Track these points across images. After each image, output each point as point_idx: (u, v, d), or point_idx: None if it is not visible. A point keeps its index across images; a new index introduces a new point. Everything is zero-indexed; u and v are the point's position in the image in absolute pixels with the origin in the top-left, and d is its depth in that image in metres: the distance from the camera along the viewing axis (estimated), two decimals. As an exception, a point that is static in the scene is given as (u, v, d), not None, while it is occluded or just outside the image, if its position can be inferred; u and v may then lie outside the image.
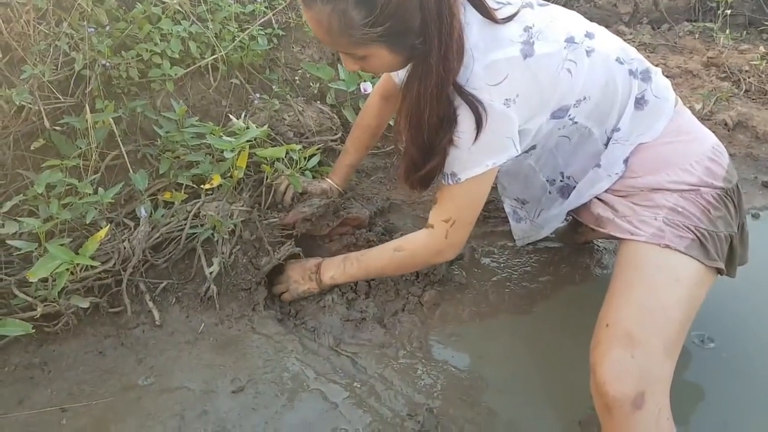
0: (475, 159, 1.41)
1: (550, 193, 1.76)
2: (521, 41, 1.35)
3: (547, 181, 1.74)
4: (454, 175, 1.44)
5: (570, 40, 1.40)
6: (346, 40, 1.24)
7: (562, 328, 1.78)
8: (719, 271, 1.45)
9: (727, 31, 3.63)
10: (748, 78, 3.22)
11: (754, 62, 3.33)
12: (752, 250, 1.60)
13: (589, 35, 1.45)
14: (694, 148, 1.54)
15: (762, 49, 3.53)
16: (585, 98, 1.45)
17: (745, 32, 3.81)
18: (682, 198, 1.47)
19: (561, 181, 1.72)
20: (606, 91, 1.47)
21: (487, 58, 1.32)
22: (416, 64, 1.32)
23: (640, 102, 1.51)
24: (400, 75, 1.62)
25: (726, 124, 2.80)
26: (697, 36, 3.70)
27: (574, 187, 1.67)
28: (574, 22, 1.48)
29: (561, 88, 1.40)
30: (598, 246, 2.09)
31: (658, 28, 3.83)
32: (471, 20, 1.34)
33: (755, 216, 2.33)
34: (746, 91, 3.15)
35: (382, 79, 1.92)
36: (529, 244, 2.06)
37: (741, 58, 3.42)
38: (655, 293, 1.35)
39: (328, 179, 2.04)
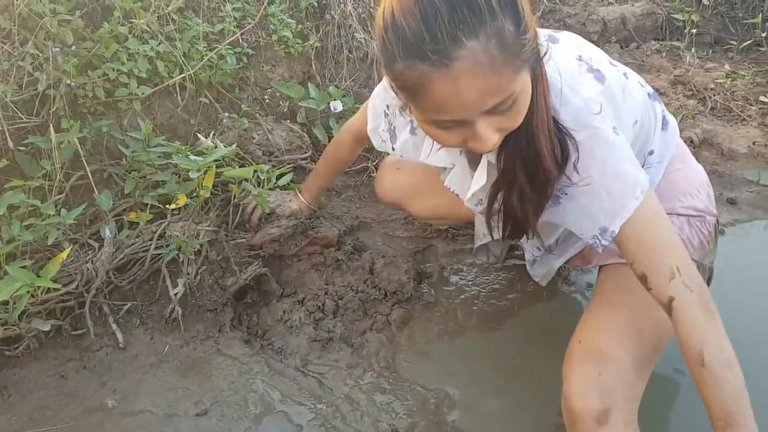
0: (615, 199, 1.17)
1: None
2: (586, 69, 1.23)
3: None
4: (605, 231, 1.19)
5: (611, 63, 1.31)
6: (510, 69, 0.95)
7: (530, 346, 1.78)
8: None
9: (693, 50, 3.69)
10: (714, 96, 3.28)
11: (720, 80, 3.39)
12: (718, 266, 1.62)
13: (612, 60, 1.36)
14: (696, 175, 1.56)
15: (727, 67, 3.59)
16: (635, 122, 1.34)
17: (711, 51, 3.88)
18: (688, 224, 1.48)
19: None
20: (644, 114, 1.39)
21: (576, 89, 1.17)
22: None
23: (663, 123, 1.48)
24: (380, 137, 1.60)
25: (692, 142, 2.84)
26: (664, 54, 3.76)
27: None
28: (594, 47, 1.36)
29: (627, 113, 1.29)
30: (566, 267, 2.11)
31: (626, 47, 3.88)
32: None
33: (721, 232, 2.36)
34: (712, 108, 3.20)
35: (357, 122, 1.76)
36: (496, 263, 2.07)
37: (707, 76, 3.48)
38: (633, 314, 1.35)
39: (300, 196, 2.03)
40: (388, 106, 1.53)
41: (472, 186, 1.36)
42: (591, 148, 1.15)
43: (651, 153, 1.46)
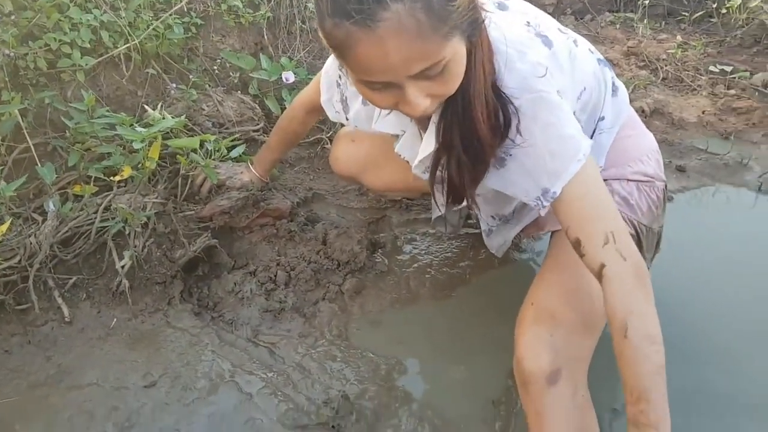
0: (557, 161, 1.18)
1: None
2: (534, 34, 1.22)
3: None
4: (547, 192, 1.20)
5: (561, 31, 1.31)
6: (438, 35, 0.94)
7: (481, 312, 1.80)
8: None
9: (646, 22, 3.74)
10: (665, 66, 3.32)
11: (671, 51, 3.43)
12: (665, 233, 1.64)
13: (561, 27, 1.36)
14: (646, 141, 1.58)
15: (679, 38, 3.64)
16: (584, 89, 1.34)
17: (663, 22, 3.93)
18: (637, 189, 1.50)
19: None
20: (595, 80, 1.38)
21: (523, 53, 1.16)
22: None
23: (614, 89, 1.48)
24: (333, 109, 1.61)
25: (643, 111, 2.88)
26: (618, 26, 3.80)
27: None
28: (543, 13, 1.36)
29: (574, 79, 1.30)
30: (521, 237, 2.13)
31: (581, 19, 3.91)
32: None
33: (669, 199, 2.40)
34: (663, 79, 3.25)
35: (309, 94, 1.77)
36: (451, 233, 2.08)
37: (659, 47, 3.52)
38: (584, 278, 1.34)
39: (252, 169, 2.01)
40: (340, 77, 1.52)
41: (419, 152, 1.35)
42: (534, 110, 1.15)
43: (602, 119, 1.46)
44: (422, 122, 1.36)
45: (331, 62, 1.56)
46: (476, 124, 1.14)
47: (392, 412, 1.50)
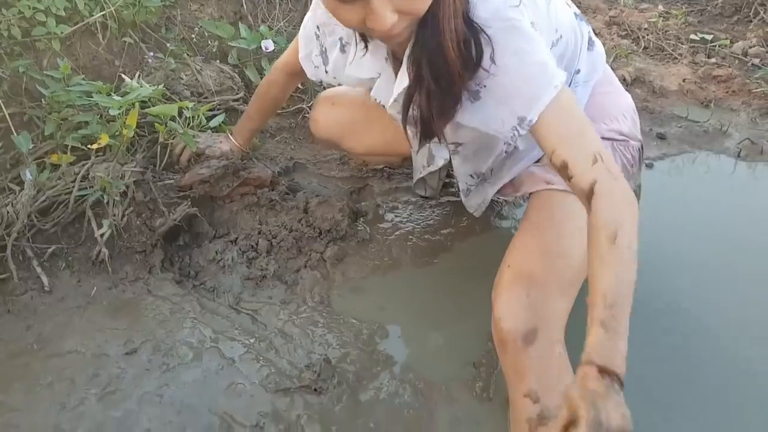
0: (532, 87, 1.18)
1: (506, 153, 1.59)
2: None
3: (505, 143, 1.56)
4: (523, 120, 1.20)
5: None
6: None
7: (462, 278, 1.81)
8: None
9: (629, -9, 3.73)
10: (647, 36, 3.32)
11: (653, 20, 3.43)
12: (646, 199, 1.66)
13: None
14: (623, 100, 1.60)
15: (660, 8, 3.64)
16: (560, 37, 1.38)
17: (645, -8, 3.92)
18: (611, 147, 1.51)
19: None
20: (572, 32, 1.43)
21: None
22: None
23: (590, 43, 1.51)
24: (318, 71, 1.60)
25: (624, 80, 2.89)
26: (600, -5, 3.79)
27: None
28: None
29: (550, 21, 1.33)
30: (498, 198, 2.13)
31: (564, -11, 3.90)
32: None
33: (649, 166, 2.42)
34: (645, 48, 3.25)
35: (288, 57, 1.77)
36: (431, 198, 2.08)
37: (641, 16, 3.52)
38: (561, 239, 1.37)
39: (231, 138, 2.00)
40: (318, 27, 1.52)
41: (394, 90, 1.35)
42: (506, 39, 1.16)
43: (578, 72, 1.49)
44: (395, 63, 1.36)
45: (309, 16, 1.56)
46: (446, 52, 1.14)
47: (373, 375, 1.51)
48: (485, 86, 1.21)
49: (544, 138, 1.20)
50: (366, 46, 1.37)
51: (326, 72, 1.57)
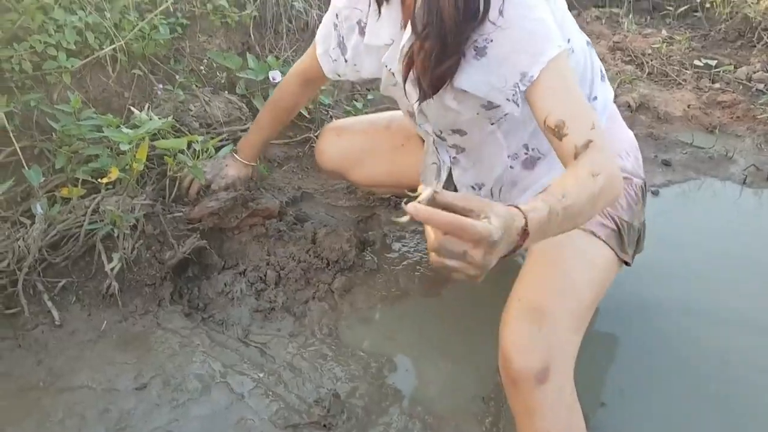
0: (536, 41, 1.21)
1: (512, 167, 1.55)
2: None
3: (509, 156, 1.54)
4: (524, 75, 1.22)
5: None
6: None
7: (470, 309, 1.81)
8: (625, 263, 1.49)
9: (632, 17, 3.76)
10: (651, 61, 3.34)
11: (656, 46, 3.45)
12: (651, 226, 1.66)
13: None
14: (626, 137, 1.60)
15: (664, 33, 3.66)
16: (572, 51, 1.38)
17: (648, 17, 3.96)
18: None
19: (525, 153, 1.54)
20: (583, 54, 1.44)
21: None
22: None
23: (602, 74, 1.53)
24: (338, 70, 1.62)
25: (629, 106, 2.90)
26: (603, 21, 3.82)
27: (539, 158, 1.53)
28: None
29: (564, 28, 1.33)
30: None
31: (568, 14, 3.93)
32: None
33: (655, 193, 2.43)
34: (649, 73, 3.27)
35: (304, 63, 1.78)
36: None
37: (644, 42, 3.55)
38: (570, 274, 1.37)
39: (236, 157, 1.99)
40: (336, 15, 1.55)
41: (400, 47, 1.35)
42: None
43: (595, 99, 1.50)
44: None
45: (327, 14, 1.59)
46: (440, 3, 1.17)
47: (383, 409, 1.51)
48: (491, 41, 1.23)
49: (540, 98, 1.21)
50: (379, 10, 1.39)
51: (345, 61, 1.58)
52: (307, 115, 2.47)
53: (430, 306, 1.84)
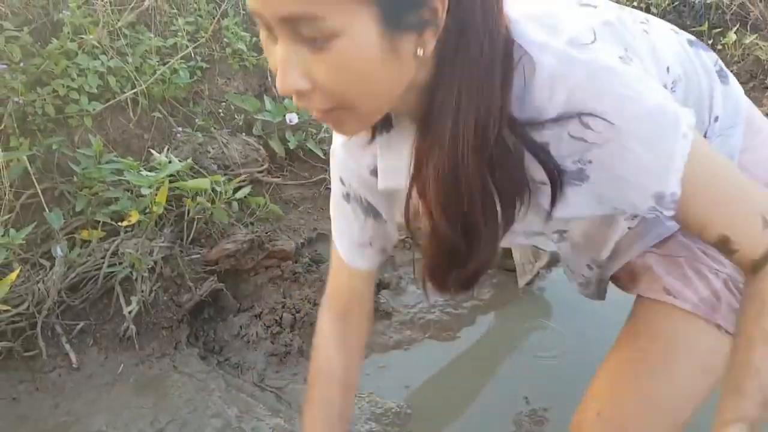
0: (657, 149, 0.78)
1: (630, 228, 1.10)
2: (576, 3, 0.91)
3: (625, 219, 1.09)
4: (662, 197, 0.81)
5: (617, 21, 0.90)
6: None
7: (487, 354, 1.80)
8: None
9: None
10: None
11: None
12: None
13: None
14: None
15: None
16: (678, 79, 0.97)
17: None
18: None
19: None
20: (690, 65, 1.02)
21: (548, 33, 0.79)
22: (442, 82, 0.76)
23: (722, 75, 1.08)
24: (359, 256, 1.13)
25: None
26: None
27: None
28: None
29: (656, 59, 0.93)
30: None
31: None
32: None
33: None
34: None
35: (330, 288, 1.21)
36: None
37: None
38: (673, 387, 1.04)
39: None
40: (342, 181, 1.08)
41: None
42: (595, 88, 0.76)
43: (716, 119, 1.06)
44: None
45: (332, 190, 1.13)
46: (472, 209, 0.82)
47: (400, 457, 1.50)
48: (590, 162, 0.81)
49: (688, 213, 0.83)
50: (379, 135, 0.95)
51: (386, 223, 1.11)
52: (323, 156, 2.49)
53: (445, 350, 1.83)
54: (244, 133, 2.41)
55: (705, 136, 1.05)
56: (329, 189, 2.33)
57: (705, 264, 1.06)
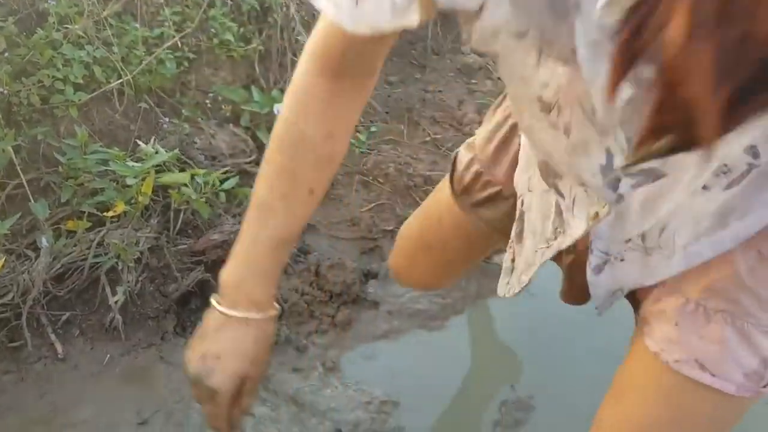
0: None
1: (707, 188, 0.69)
2: None
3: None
4: None
5: None
6: None
7: (474, 343, 1.81)
8: None
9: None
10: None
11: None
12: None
13: None
14: None
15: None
16: None
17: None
18: None
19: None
20: None
21: None
22: None
23: None
24: None
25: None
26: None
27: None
28: None
29: None
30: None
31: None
32: None
33: None
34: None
35: (321, 48, 0.82)
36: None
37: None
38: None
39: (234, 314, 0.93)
40: None
41: None
42: None
43: None
44: None
45: None
46: None
47: (386, 445, 1.50)
48: None
49: None
50: None
51: None
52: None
53: (433, 339, 1.84)
54: (231, 124, 2.40)
55: None
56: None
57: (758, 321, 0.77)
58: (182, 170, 2.04)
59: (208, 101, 2.38)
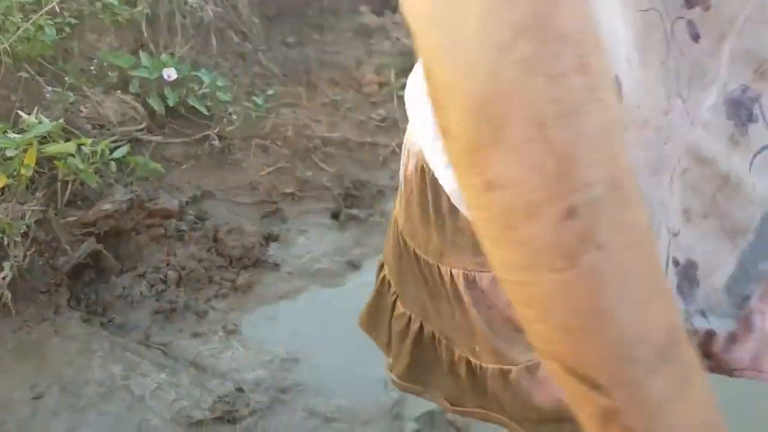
0: None
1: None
2: None
3: None
4: None
5: None
6: None
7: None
8: None
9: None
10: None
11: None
12: None
13: None
14: None
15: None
16: None
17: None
18: None
19: None
20: None
21: None
22: None
23: None
24: None
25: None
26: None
27: None
28: None
29: None
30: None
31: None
32: None
33: None
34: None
35: None
36: (338, 215, 2.12)
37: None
38: None
39: None
40: None
41: None
42: None
43: None
44: None
45: None
46: None
47: (285, 402, 1.54)
48: None
49: None
50: None
51: None
52: (206, 112, 2.44)
53: (333, 297, 1.88)
54: (119, 91, 2.33)
55: None
56: (213, 145, 2.33)
57: None
58: (68, 140, 1.98)
59: (93, 68, 2.30)
